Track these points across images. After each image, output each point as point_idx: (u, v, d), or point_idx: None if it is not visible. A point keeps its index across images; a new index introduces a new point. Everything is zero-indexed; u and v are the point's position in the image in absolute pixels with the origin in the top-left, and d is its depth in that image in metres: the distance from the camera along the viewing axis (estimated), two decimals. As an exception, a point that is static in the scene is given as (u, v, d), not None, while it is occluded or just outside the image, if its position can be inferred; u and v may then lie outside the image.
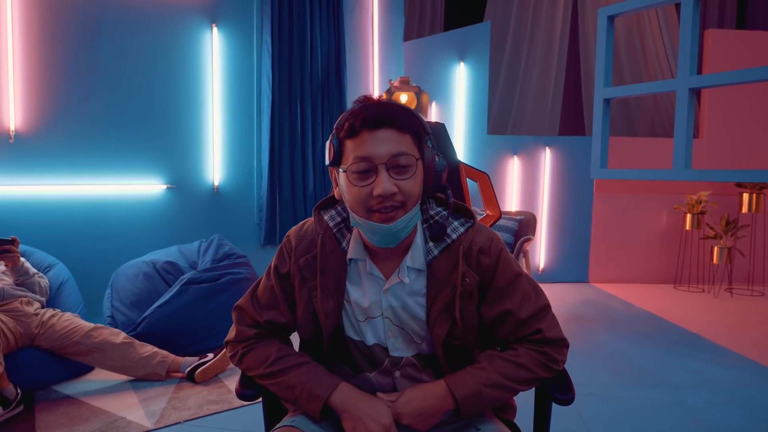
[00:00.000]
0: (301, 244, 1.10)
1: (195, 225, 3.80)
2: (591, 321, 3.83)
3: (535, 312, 1.07)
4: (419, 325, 1.08)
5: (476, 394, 1.02)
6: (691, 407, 2.45)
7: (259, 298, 1.14)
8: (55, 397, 2.43)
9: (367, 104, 1.01)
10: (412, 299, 1.07)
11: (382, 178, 0.96)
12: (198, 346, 2.90)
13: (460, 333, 1.06)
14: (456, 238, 1.06)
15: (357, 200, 0.99)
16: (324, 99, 4.10)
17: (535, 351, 1.06)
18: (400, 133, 0.98)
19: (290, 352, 1.11)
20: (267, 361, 1.08)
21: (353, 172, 0.98)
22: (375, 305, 1.08)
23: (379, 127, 0.97)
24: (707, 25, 6.25)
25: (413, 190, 0.99)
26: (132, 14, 3.57)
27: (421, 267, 1.06)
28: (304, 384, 1.04)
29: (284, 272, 1.11)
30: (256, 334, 1.12)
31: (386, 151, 0.97)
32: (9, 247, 2.45)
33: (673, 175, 2.94)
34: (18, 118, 3.34)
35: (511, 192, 5.02)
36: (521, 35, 5.72)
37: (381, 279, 1.07)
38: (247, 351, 1.11)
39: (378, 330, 1.09)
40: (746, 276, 5.04)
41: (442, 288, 1.05)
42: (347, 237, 1.09)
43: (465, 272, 1.04)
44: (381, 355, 1.10)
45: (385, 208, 0.97)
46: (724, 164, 4.98)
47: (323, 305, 1.07)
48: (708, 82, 2.83)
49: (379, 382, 1.12)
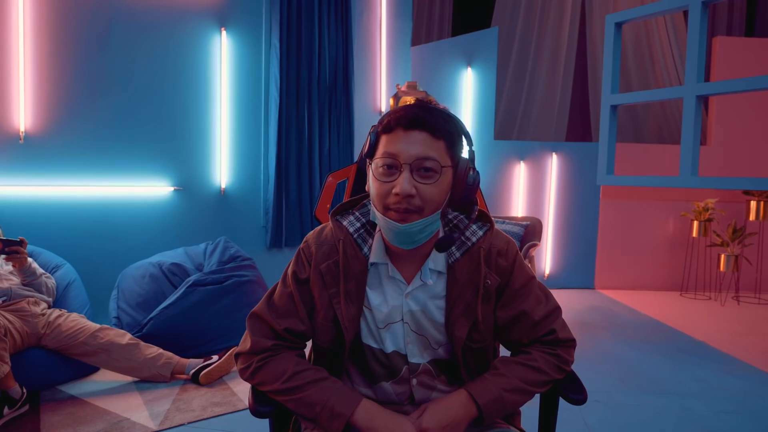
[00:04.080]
0: (321, 249, 1.09)
1: (201, 227, 3.82)
2: (597, 327, 3.81)
3: (548, 313, 1.10)
4: (437, 329, 1.08)
5: (498, 399, 1.02)
6: (697, 416, 2.43)
7: (277, 306, 1.10)
8: (60, 397, 2.44)
9: (410, 104, 1.02)
10: (433, 302, 1.08)
11: (403, 177, 0.97)
12: (203, 348, 2.90)
13: (479, 335, 1.07)
14: (476, 241, 1.07)
15: (378, 194, 1.00)
16: (331, 103, 4.11)
17: (549, 354, 1.08)
18: (433, 138, 0.98)
19: (307, 366, 1.07)
20: (284, 376, 1.04)
21: (379, 166, 1.00)
22: (396, 310, 1.08)
23: (413, 128, 0.98)
24: (715, 32, 6.24)
25: (434, 197, 0.99)
26: (141, 17, 3.60)
27: (442, 269, 1.07)
28: (325, 401, 1.00)
29: (303, 278, 1.09)
30: (274, 345, 1.08)
31: (414, 152, 0.97)
32: (17, 248, 2.47)
33: (679, 182, 2.92)
34: (28, 119, 3.37)
35: (518, 197, 5.01)
36: (528, 41, 5.72)
37: (402, 283, 1.07)
38: (262, 365, 1.07)
39: (397, 336, 1.09)
40: (753, 284, 5.00)
41: (463, 290, 1.06)
42: (368, 242, 1.09)
43: (486, 274, 1.06)
44: (399, 362, 1.10)
45: (400, 209, 0.98)
46: (731, 171, 4.95)
47: (346, 312, 1.06)
48: (715, 89, 2.82)
49: (396, 391, 1.11)
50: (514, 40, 5.71)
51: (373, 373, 1.11)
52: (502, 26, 5.67)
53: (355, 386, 1.15)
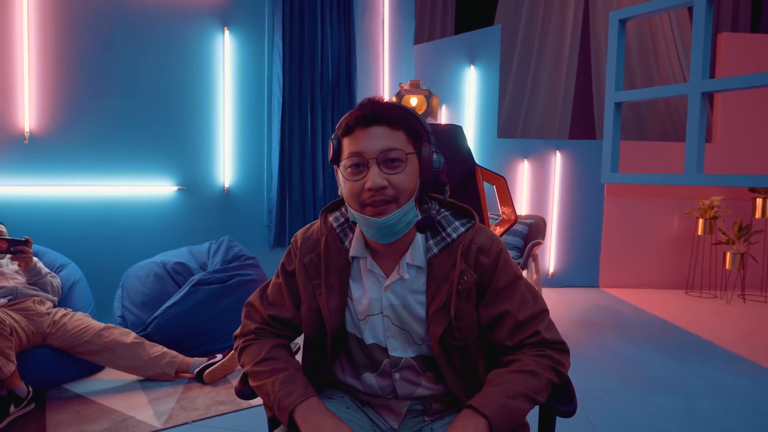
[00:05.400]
0: (306, 243, 1.15)
1: (205, 226, 3.83)
2: (601, 326, 3.80)
3: (533, 315, 1.08)
4: (420, 324, 1.09)
5: (503, 407, 0.99)
6: (703, 415, 2.42)
7: (268, 295, 1.19)
8: (65, 396, 2.45)
9: (362, 103, 1.05)
10: (413, 297, 1.09)
11: (372, 172, 1.00)
12: (207, 346, 2.91)
13: (459, 333, 1.06)
14: (456, 237, 1.08)
15: (351, 194, 1.03)
16: (334, 102, 4.11)
17: (539, 355, 1.05)
18: (392, 130, 1.02)
19: (279, 355, 1.12)
20: (256, 359, 1.10)
21: (347, 167, 1.03)
22: (375, 303, 1.10)
23: (372, 124, 1.01)
24: (720, 28, 6.20)
25: (404, 184, 1.02)
26: (145, 17, 3.60)
27: (421, 264, 1.08)
28: (276, 392, 1.05)
29: (290, 270, 1.16)
30: (257, 329, 1.16)
31: (377, 146, 1.00)
32: (22, 248, 2.48)
33: (684, 180, 2.91)
34: (32, 119, 3.38)
35: (521, 196, 5.00)
36: (531, 38, 5.71)
37: (381, 276, 1.10)
38: (246, 346, 1.15)
39: (377, 329, 1.10)
40: (759, 282, 4.98)
41: (440, 285, 1.06)
42: (350, 236, 1.12)
43: (463, 270, 1.06)
44: (379, 355, 1.11)
45: (376, 202, 1.00)
46: (736, 169, 4.92)
47: (327, 303, 1.10)
48: (721, 86, 2.81)
49: (380, 384, 1.13)
50: (517, 38, 5.70)
51: (357, 363, 1.14)
52: (505, 24, 5.65)
53: (346, 376, 1.18)
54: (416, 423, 1.15)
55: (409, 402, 1.15)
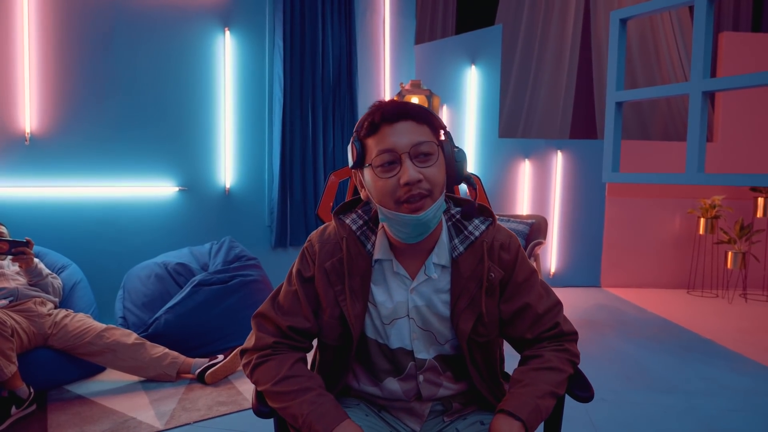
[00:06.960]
0: (324, 248, 1.10)
1: (206, 227, 3.83)
2: (603, 326, 3.80)
3: (550, 307, 1.12)
4: (443, 323, 1.09)
5: (536, 409, 1.00)
6: (704, 414, 2.41)
7: (282, 304, 1.12)
8: (67, 397, 2.45)
9: (382, 102, 1.04)
10: (438, 297, 1.09)
11: (406, 166, 0.98)
12: (208, 347, 2.91)
13: (484, 329, 1.08)
14: (479, 235, 1.09)
15: (385, 193, 1.00)
16: (335, 102, 4.11)
17: (558, 350, 1.09)
18: (418, 125, 1.01)
19: (301, 372, 1.06)
20: (276, 378, 1.04)
21: (377, 166, 1.00)
22: (401, 306, 1.09)
23: (398, 120, 1.00)
24: (721, 27, 6.19)
25: (437, 178, 1.01)
26: (146, 18, 3.60)
27: (446, 263, 1.08)
28: (306, 415, 0.99)
29: (308, 276, 1.11)
30: (275, 343, 1.09)
31: (408, 140, 0.99)
32: (23, 249, 2.48)
33: (686, 179, 2.91)
34: (33, 120, 3.39)
35: (523, 195, 5.00)
36: (533, 38, 5.70)
37: (407, 278, 1.09)
38: (261, 363, 1.08)
39: (403, 332, 1.09)
40: (761, 281, 4.97)
41: (467, 284, 1.07)
42: (371, 239, 1.10)
43: (490, 267, 1.07)
44: (404, 358, 1.10)
45: (413, 197, 0.99)
46: (738, 168, 4.92)
47: (352, 308, 1.07)
48: (722, 85, 2.80)
49: (403, 389, 1.12)
50: (518, 38, 5.69)
51: (378, 369, 1.12)
52: (506, 24, 5.65)
53: (361, 385, 1.15)
54: (436, 424, 1.15)
55: (431, 403, 1.14)
